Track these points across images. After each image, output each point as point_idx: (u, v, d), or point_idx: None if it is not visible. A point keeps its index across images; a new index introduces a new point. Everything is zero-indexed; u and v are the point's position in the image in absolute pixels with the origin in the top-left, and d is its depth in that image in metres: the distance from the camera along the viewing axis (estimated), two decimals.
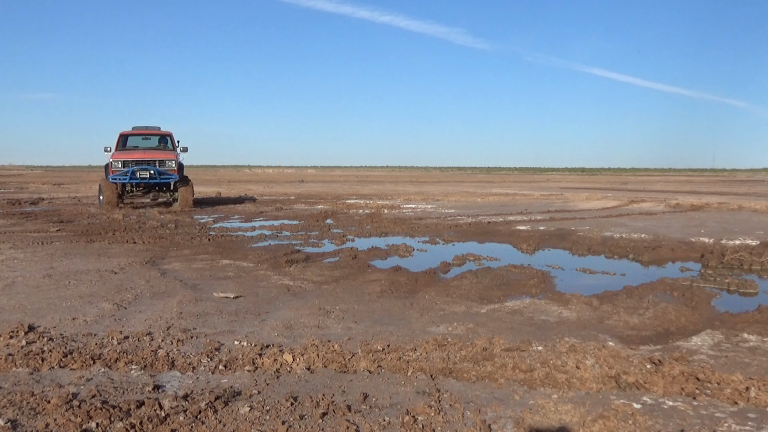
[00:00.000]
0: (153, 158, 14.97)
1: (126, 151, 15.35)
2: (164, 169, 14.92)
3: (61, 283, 5.84)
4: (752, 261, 6.99)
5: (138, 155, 15.04)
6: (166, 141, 16.57)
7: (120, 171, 14.60)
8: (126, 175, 14.57)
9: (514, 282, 6.01)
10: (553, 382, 3.22)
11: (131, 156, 14.90)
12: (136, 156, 14.93)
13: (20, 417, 2.77)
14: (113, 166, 14.61)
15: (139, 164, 14.77)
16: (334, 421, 2.77)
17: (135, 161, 14.78)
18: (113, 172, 14.60)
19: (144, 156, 15.02)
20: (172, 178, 15.04)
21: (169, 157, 15.15)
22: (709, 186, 31.90)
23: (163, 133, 16.64)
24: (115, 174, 14.58)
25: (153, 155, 15.13)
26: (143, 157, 14.98)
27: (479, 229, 10.81)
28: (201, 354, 3.70)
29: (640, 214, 13.50)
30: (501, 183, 38.07)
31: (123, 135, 16.01)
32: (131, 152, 15.27)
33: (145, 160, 14.91)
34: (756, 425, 2.75)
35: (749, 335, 4.14)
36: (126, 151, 15.35)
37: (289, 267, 6.85)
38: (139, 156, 14.97)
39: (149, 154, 15.25)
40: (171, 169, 15.06)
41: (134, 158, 14.82)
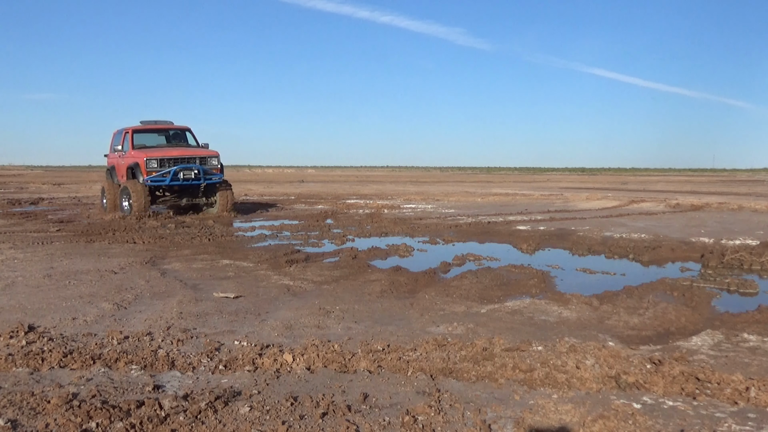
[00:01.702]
0: (194, 155, 12.90)
1: (158, 149, 13.32)
2: (209, 168, 12.95)
3: (61, 283, 5.84)
4: (752, 261, 6.99)
5: (177, 152, 12.89)
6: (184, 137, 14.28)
7: (158, 171, 12.38)
8: (166, 176, 12.43)
9: (514, 282, 6.01)
10: (553, 382, 3.22)
11: (168, 153, 12.76)
12: (174, 153, 12.78)
13: (20, 417, 2.77)
14: (148, 166, 12.33)
15: (180, 163, 12.63)
16: (334, 421, 2.77)
17: (173, 159, 12.61)
18: (148, 172, 12.33)
19: (184, 153, 12.90)
20: (217, 178, 13.13)
21: (212, 154, 13.14)
22: (709, 186, 31.91)
23: (181, 127, 14.42)
24: (153, 176, 12.34)
25: (194, 152, 13.07)
26: (183, 154, 12.85)
27: (479, 229, 10.81)
28: (201, 354, 3.70)
29: (640, 214, 13.50)
30: (501, 183, 38.07)
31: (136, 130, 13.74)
32: (167, 149, 13.28)
33: (185, 158, 12.77)
34: (756, 425, 2.75)
35: (749, 335, 4.14)
36: (158, 149, 13.32)
37: (289, 267, 6.85)
38: (178, 153, 12.82)
39: (189, 150, 13.22)
40: (215, 168, 13.13)
41: (172, 156, 12.66)
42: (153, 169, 12.47)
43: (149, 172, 12.44)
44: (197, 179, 12.76)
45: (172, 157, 12.68)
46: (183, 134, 14.25)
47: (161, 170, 12.48)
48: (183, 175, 12.60)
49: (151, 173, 12.45)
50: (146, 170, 12.44)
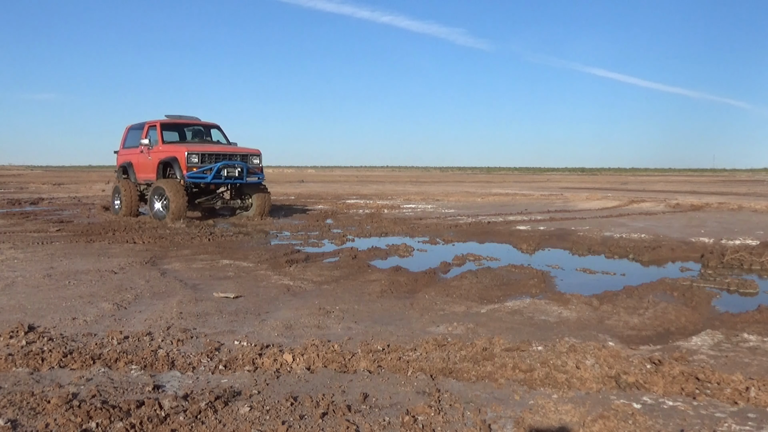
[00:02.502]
0: (236, 152, 12.01)
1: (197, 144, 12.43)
2: (252, 167, 12.09)
3: (61, 283, 5.84)
4: (752, 261, 6.98)
5: (219, 148, 12.05)
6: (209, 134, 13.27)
7: (199, 167, 11.43)
8: (207, 173, 11.47)
9: (514, 282, 6.01)
10: (553, 382, 3.22)
11: (210, 148, 11.85)
12: (216, 149, 11.91)
13: (20, 417, 2.77)
14: (189, 161, 11.33)
15: (223, 159, 11.68)
16: (334, 421, 2.77)
17: (216, 155, 11.65)
18: (189, 168, 11.35)
19: (226, 149, 12.04)
20: (260, 177, 12.27)
21: (253, 152, 12.21)
22: (709, 186, 31.91)
23: (209, 124, 13.47)
24: (194, 171, 11.37)
25: (236, 149, 12.23)
26: (225, 150, 11.97)
27: (479, 229, 10.81)
28: (201, 354, 3.70)
29: (640, 214, 13.50)
30: (501, 183, 38.07)
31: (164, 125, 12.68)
32: (207, 144, 12.45)
33: (228, 154, 11.85)
34: (756, 425, 2.75)
35: (749, 335, 4.14)
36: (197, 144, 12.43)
37: (289, 267, 6.85)
38: (220, 149, 11.95)
39: (231, 147, 12.37)
40: (257, 167, 12.24)
41: (214, 151, 11.73)
42: (194, 165, 11.45)
43: (190, 168, 11.41)
44: (240, 177, 11.85)
45: (215, 152, 11.74)
46: (208, 131, 13.34)
47: (203, 166, 11.48)
48: (227, 172, 11.64)
49: (192, 169, 11.42)
50: (188, 166, 11.40)
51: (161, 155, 12.04)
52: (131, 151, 13.32)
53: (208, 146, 12.11)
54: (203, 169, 11.48)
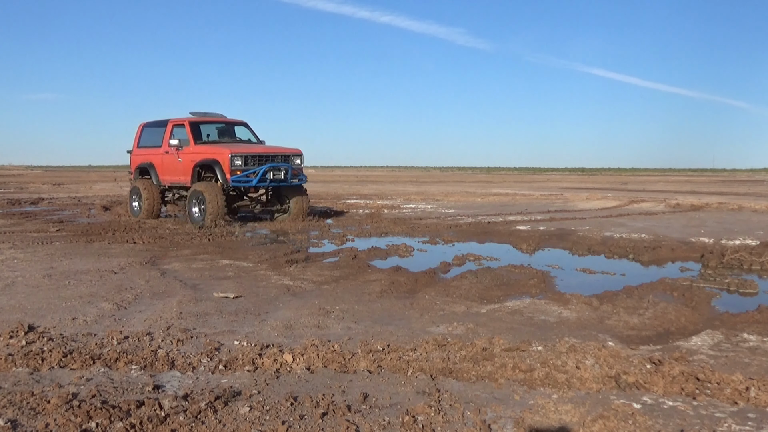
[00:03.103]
0: (278, 153, 11.30)
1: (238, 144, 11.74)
2: (295, 168, 11.43)
3: (61, 283, 5.84)
4: (752, 261, 6.98)
5: (262, 149, 11.37)
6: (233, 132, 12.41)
7: (243, 171, 10.74)
8: (251, 177, 10.78)
9: (514, 282, 6.01)
10: (553, 382, 3.22)
11: (253, 149, 11.18)
12: (259, 150, 11.23)
13: (20, 417, 2.77)
14: (233, 164, 10.62)
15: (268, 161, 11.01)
16: (334, 421, 2.77)
17: (260, 156, 10.97)
18: (233, 171, 10.65)
19: (269, 150, 11.32)
20: (303, 180, 11.70)
21: (295, 152, 11.56)
22: (709, 186, 31.91)
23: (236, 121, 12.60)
24: (238, 175, 10.70)
25: (278, 149, 11.50)
26: (268, 151, 11.25)
27: (479, 229, 10.81)
28: (201, 354, 3.70)
29: (640, 214, 13.50)
30: (501, 183, 38.08)
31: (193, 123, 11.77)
32: (248, 145, 11.76)
33: (272, 155, 11.12)
34: (756, 425, 2.75)
35: (749, 335, 4.14)
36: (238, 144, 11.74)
37: (289, 267, 6.85)
38: (263, 150, 11.27)
39: (274, 147, 11.62)
40: (299, 168, 11.62)
41: (257, 152, 11.06)
42: (238, 168, 10.71)
43: (233, 171, 10.66)
44: (285, 180, 11.21)
45: (258, 154, 11.04)
46: (232, 129, 12.47)
47: (247, 169, 10.78)
48: (273, 175, 10.97)
49: (236, 172, 10.68)
50: (230, 169, 10.65)
51: (196, 157, 11.28)
52: (151, 150, 12.48)
53: (251, 147, 11.43)
54: (248, 172, 10.79)
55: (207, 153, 11.23)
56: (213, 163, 10.98)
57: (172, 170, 11.92)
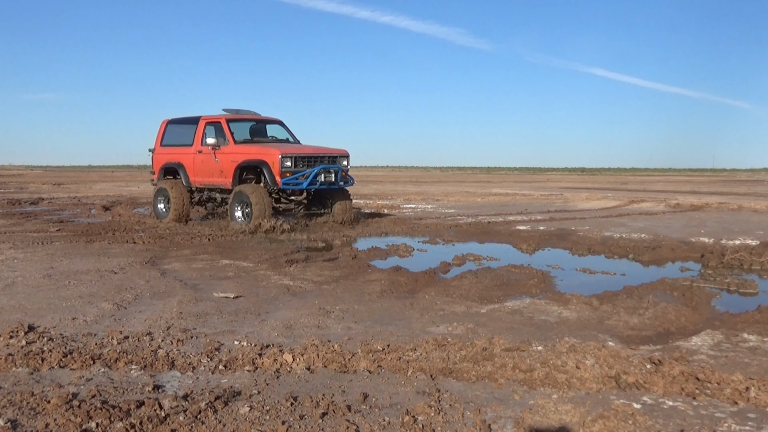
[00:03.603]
0: (325, 154, 10.73)
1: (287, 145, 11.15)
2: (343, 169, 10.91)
3: (61, 283, 5.84)
4: (752, 261, 6.99)
5: (310, 149, 10.76)
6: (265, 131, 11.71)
7: (293, 173, 10.15)
8: (302, 179, 10.18)
9: (514, 282, 6.01)
10: (553, 382, 3.22)
11: (302, 150, 10.60)
12: (308, 150, 10.66)
13: (20, 417, 2.77)
14: (283, 166, 10.03)
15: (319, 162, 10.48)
16: (334, 421, 2.77)
17: (308, 158, 10.39)
18: (283, 174, 10.06)
19: (318, 151, 10.77)
20: (351, 182, 11.14)
21: (342, 153, 11.02)
22: (709, 186, 31.92)
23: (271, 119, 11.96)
24: (288, 177, 10.10)
25: (326, 149, 10.93)
26: (318, 152, 10.73)
27: (479, 229, 10.81)
28: (201, 354, 3.70)
29: (640, 214, 13.50)
30: (501, 183, 38.08)
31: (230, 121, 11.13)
32: (296, 146, 11.13)
33: (321, 156, 10.62)
34: (756, 425, 2.75)
35: (749, 335, 4.14)
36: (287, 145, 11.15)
37: (289, 267, 6.85)
38: (312, 150, 10.71)
39: (320, 148, 11.03)
40: (347, 170, 11.06)
41: (307, 153, 10.47)
42: (288, 170, 10.12)
43: (284, 173, 10.07)
44: (335, 182, 10.64)
45: (308, 155, 10.44)
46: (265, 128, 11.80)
47: (297, 171, 10.20)
48: (324, 177, 10.40)
49: (285, 174, 10.09)
50: (281, 171, 10.05)
51: (238, 157, 10.63)
52: (179, 150, 11.75)
53: (299, 148, 10.85)
54: (298, 174, 10.19)
55: (252, 153, 10.59)
56: (260, 164, 10.36)
57: (208, 171, 11.19)
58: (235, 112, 11.58)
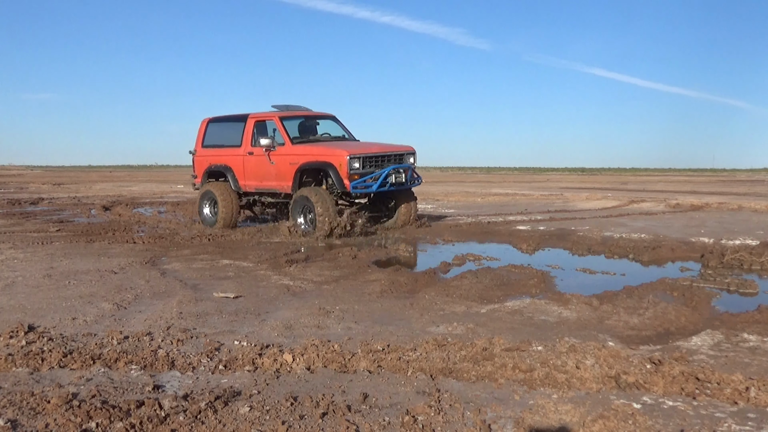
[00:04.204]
0: (392, 152, 9.83)
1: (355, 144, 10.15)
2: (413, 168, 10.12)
3: (61, 283, 5.84)
4: (752, 261, 6.98)
5: (377, 148, 9.80)
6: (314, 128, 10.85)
7: (361, 175, 9.26)
8: (372, 181, 9.34)
9: (514, 282, 6.00)
10: (553, 382, 3.22)
11: (369, 149, 9.65)
12: (375, 149, 9.71)
13: (20, 417, 2.77)
14: (351, 167, 9.13)
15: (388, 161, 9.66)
16: (334, 421, 2.77)
17: (376, 157, 9.52)
18: (352, 177, 9.16)
19: (385, 149, 9.85)
20: (419, 182, 10.40)
21: (408, 150, 10.16)
22: (709, 186, 31.90)
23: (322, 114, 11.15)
24: (357, 180, 9.21)
25: (393, 147, 10.01)
26: (384, 150, 9.78)
27: (479, 229, 10.81)
28: (201, 354, 3.70)
29: (640, 214, 13.50)
30: (501, 183, 38.07)
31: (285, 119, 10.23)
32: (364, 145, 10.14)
33: (389, 155, 9.74)
34: (756, 425, 2.75)
35: (749, 335, 4.14)
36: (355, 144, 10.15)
37: (289, 267, 6.85)
38: (379, 149, 9.77)
39: (387, 145, 10.09)
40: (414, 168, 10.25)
41: (374, 152, 9.57)
42: (357, 172, 9.22)
43: (352, 176, 9.17)
44: (405, 183, 9.81)
45: (376, 154, 9.55)
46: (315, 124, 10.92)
47: (366, 173, 9.33)
48: (394, 178, 9.56)
49: (354, 177, 9.19)
50: (349, 173, 9.13)
51: (298, 159, 9.73)
52: (226, 151, 10.86)
53: (364, 146, 9.90)
54: (369, 176, 9.33)
55: (314, 155, 9.67)
56: (324, 166, 9.47)
57: (261, 174, 10.28)
58: (285, 108, 10.70)
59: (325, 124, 11.01)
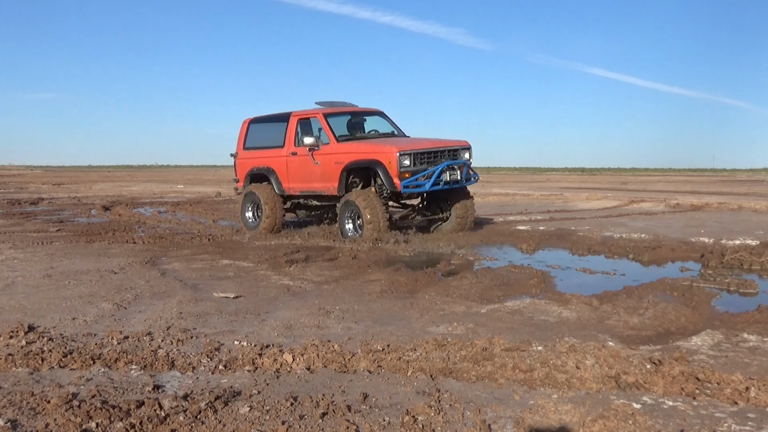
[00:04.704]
0: (445, 147, 9.08)
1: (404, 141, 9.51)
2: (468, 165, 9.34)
3: (61, 283, 5.84)
4: (752, 261, 6.98)
5: (428, 143, 9.06)
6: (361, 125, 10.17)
7: (413, 173, 8.54)
8: (423, 179, 8.58)
9: (514, 282, 6.00)
10: (553, 382, 3.22)
11: (420, 145, 8.93)
12: (426, 145, 8.98)
13: (20, 417, 2.77)
14: (401, 165, 8.41)
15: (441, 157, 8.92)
16: (334, 421, 2.77)
17: (428, 153, 8.80)
18: (402, 175, 8.43)
19: (438, 144, 9.08)
20: (475, 178, 9.52)
21: (463, 145, 9.36)
22: (709, 186, 31.90)
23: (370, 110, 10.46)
24: (408, 179, 8.49)
25: (446, 142, 9.24)
26: (437, 146, 9.02)
27: (479, 228, 10.80)
28: (201, 354, 3.70)
29: (640, 214, 13.50)
30: (501, 183, 38.06)
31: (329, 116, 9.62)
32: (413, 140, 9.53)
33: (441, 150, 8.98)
34: (756, 425, 2.75)
35: (749, 335, 4.14)
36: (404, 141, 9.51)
37: (289, 267, 6.85)
38: (431, 145, 9.01)
39: (439, 140, 9.31)
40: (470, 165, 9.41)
41: (425, 148, 8.84)
42: (407, 170, 8.50)
43: (402, 174, 8.43)
44: (459, 181, 9.04)
45: (428, 150, 8.83)
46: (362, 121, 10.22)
47: (417, 170, 8.59)
48: (448, 175, 8.79)
49: (405, 175, 8.46)
50: (399, 171, 8.42)
51: (344, 158, 9.08)
52: (268, 152, 10.30)
53: (415, 142, 9.25)
54: (420, 174, 8.58)
55: (361, 153, 9.00)
56: (372, 165, 8.76)
57: (306, 176, 9.68)
58: (329, 104, 10.13)
59: (373, 121, 10.33)
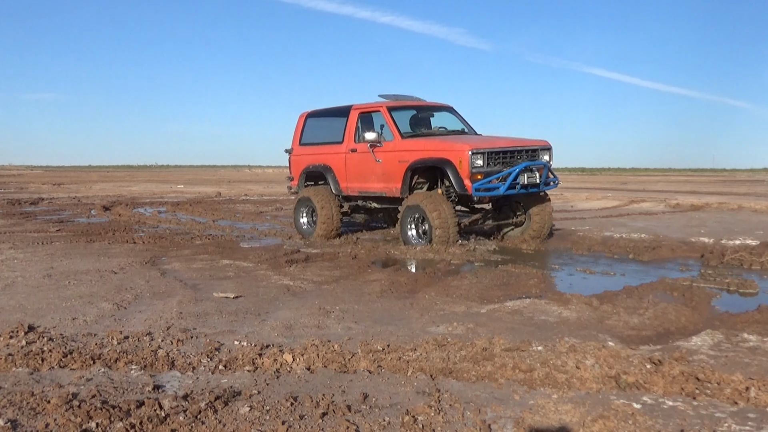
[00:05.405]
0: (523, 147, 8.26)
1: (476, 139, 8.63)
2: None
3: (61, 283, 5.84)
4: (752, 261, 6.98)
5: (504, 142, 8.23)
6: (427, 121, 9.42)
7: (486, 175, 7.75)
8: (499, 182, 7.77)
9: (514, 282, 6.00)
10: (553, 382, 3.22)
11: (495, 143, 8.13)
12: (501, 143, 8.16)
13: (20, 417, 2.77)
14: (473, 165, 7.63)
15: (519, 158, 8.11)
16: (334, 421, 2.77)
17: (503, 152, 7.99)
18: (474, 176, 7.64)
19: (514, 144, 8.25)
20: (555, 182, 8.57)
21: (543, 145, 8.48)
22: (709, 186, 31.89)
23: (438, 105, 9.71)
24: (481, 181, 7.70)
25: (523, 141, 8.41)
26: (513, 145, 8.20)
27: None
28: (201, 354, 3.70)
29: (640, 214, 13.49)
30: None
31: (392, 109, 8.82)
32: (486, 138, 8.67)
33: (519, 150, 8.19)
34: (756, 425, 2.75)
35: (749, 335, 4.14)
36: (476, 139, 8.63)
37: (289, 267, 6.85)
38: (506, 143, 8.19)
39: (516, 139, 8.47)
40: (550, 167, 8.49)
41: (500, 147, 8.03)
42: (480, 171, 7.71)
43: (474, 176, 7.65)
44: (538, 184, 8.17)
45: (503, 149, 8.02)
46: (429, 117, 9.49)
47: (491, 171, 7.81)
48: (526, 178, 7.91)
49: (477, 177, 7.67)
50: (471, 171, 7.63)
51: (409, 156, 8.30)
52: (325, 149, 9.56)
53: (488, 140, 8.43)
54: (495, 176, 7.79)
55: (428, 150, 8.17)
56: (441, 164, 7.94)
57: (365, 175, 8.93)
58: (393, 97, 9.28)
59: (441, 117, 9.57)
